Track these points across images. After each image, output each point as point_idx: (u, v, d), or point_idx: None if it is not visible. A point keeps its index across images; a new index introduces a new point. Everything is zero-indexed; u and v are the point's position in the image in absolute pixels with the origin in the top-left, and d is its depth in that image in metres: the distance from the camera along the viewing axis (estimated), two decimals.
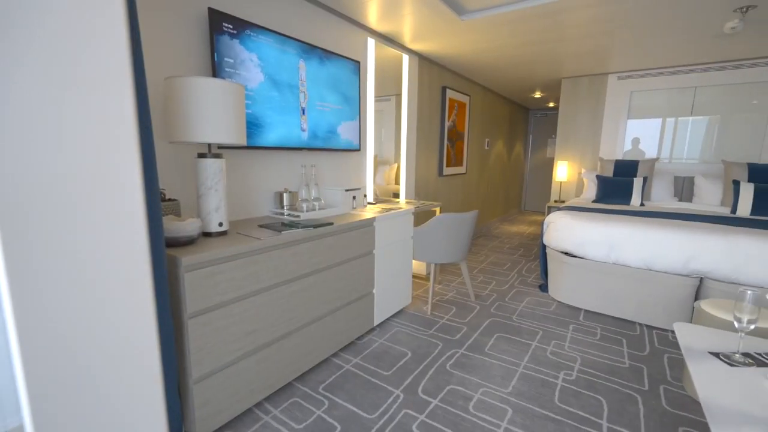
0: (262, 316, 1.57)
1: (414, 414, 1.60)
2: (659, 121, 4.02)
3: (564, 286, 2.80)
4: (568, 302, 2.79)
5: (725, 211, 3.20)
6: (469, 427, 1.52)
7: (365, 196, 2.62)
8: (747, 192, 3.06)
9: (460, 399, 1.70)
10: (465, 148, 4.65)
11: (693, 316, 1.97)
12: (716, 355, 1.10)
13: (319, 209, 2.16)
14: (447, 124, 4.10)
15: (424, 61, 3.58)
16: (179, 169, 1.71)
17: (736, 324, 1.07)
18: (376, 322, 2.33)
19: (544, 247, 3.07)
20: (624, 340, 2.28)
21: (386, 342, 2.22)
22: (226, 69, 1.76)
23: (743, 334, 1.09)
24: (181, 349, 1.32)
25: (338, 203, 2.38)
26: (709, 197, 3.44)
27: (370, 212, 2.32)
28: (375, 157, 3.66)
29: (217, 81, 1.40)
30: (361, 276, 2.14)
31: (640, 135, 4.14)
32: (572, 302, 2.77)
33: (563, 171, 4.56)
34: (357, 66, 2.56)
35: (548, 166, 7.29)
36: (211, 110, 1.40)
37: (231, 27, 1.75)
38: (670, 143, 3.99)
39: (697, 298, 2.37)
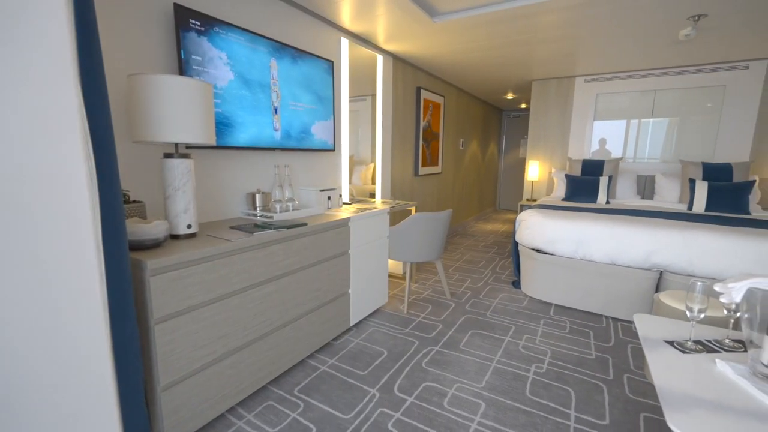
0: (234, 320, 1.54)
1: (390, 412, 1.61)
2: (624, 122, 4.21)
3: (535, 282, 2.89)
4: (539, 297, 2.88)
5: (683, 207, 3.39)
6: (443, 423, 1.55)
7: (340, 196, 2.61)
8: (701, 189, 3.25)
9: (435, 395, 1.73)
10: (440, 148, 4.71)
11: (653, 307, 2.08)
12: (671, 343, 1.17)
13: (293, 210, 2.14)
14: (422, 124, 4.14)
15: (398, 61, 3.60)
16: (145, 170, 1.65)
17: (688, 313, 1.14)
18: (352, 323, 2.33)
19: (516, 244, 3.16)
20: (591, 333, 2.37)
21: (362, 342, 2.22)
22: (194, 67, 1.71)
23: (694, 323, 1.16)
24: (148, 356, 1.27)
25: (313, 203, 2.36)
26: (668, 195, 3.63)
27: (345, 212, 2.31)
28: (351, 157, 3.65)
29: (183, 79, 1.37)
30: (336, 276, 2.13)
31: (607, 136, 4.32)
32: (543, 297, 2.86)
33: (534, 170, 4.70)
34: (330, 65, 2.55)
35: (521, 166, 7.49)
36: (177, 109, 1.36)
37: (198, 24, 1.70)
38: (633, 144, 4.19)
39: (657, 290, 2.49)
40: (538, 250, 2.91)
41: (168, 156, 1.44)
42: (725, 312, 1.19)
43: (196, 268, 1.36)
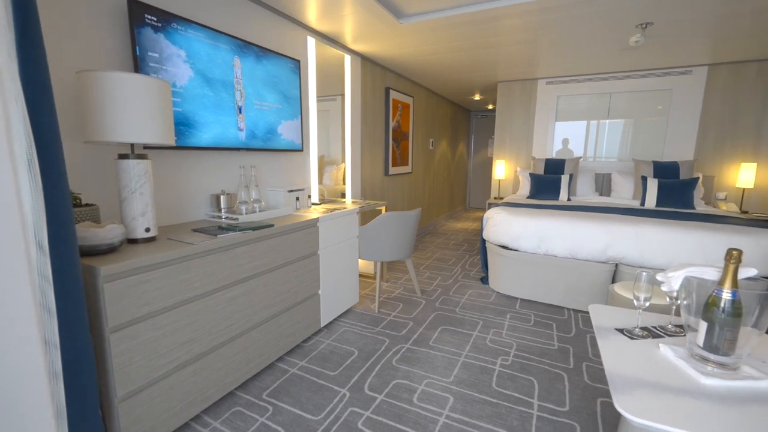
0: (197, 325, 1.50)
1: (360, 411, 1.62)
2: (584, 123, 4.42)
3: (502, 278, 2.99)
4: (506, 292, 2.98)
5: (636, 203, 3.61)
6: (412, 418, 1.57)
7: (309, 196, 2.59)
8: (652, 186, 3.47)
9: (405, 392, 1.75)
10: (410, 148, 4.76)
11: (608, 298, 2.21)
12: (621, 330, 1.25)
13: (260, 211, 2.10)
14: (391, 124, 4.17)
15: (366, 62, 3.61)
16: (99, 172, 1.57)
17: (635, 302, 1.22)
18: (323, 324, 2.32)
19: (484, 241, 3.24)
20: (554, 324, 2.48)
21: (333, 342, 2.21)
22: (151, 64, 1.65)
23: (641, 311, 1.25)
24: (103, 366, 1.21)
25: (280, 204, 2.33)
26: (623, 192, 3.85)
27: (314, 213, 2.30)
28: (322, 157, 3.63)
29: (137, 76, 1.31)
30: (305, 277, 2.12)
31: (570, 136, 4.52)
32: (510, 292, 2.96)
33: (501, 169, 4.85)
34: (297, 65, 2.52)
35: (490, 165, 7.70)
36: (131, 108, 1.30)
37: (155, 19, 1.64)
38: (593, 143, 4.41)
39: (613, 281, 2.64)
40: (504, 247, 3.01)
41: (123, 157, 1.38)
42: (668, 300, 1.28)
43: (156, 272, 1.32)
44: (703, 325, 1.01)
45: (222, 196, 2.04)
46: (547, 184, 3.95)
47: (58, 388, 0.96)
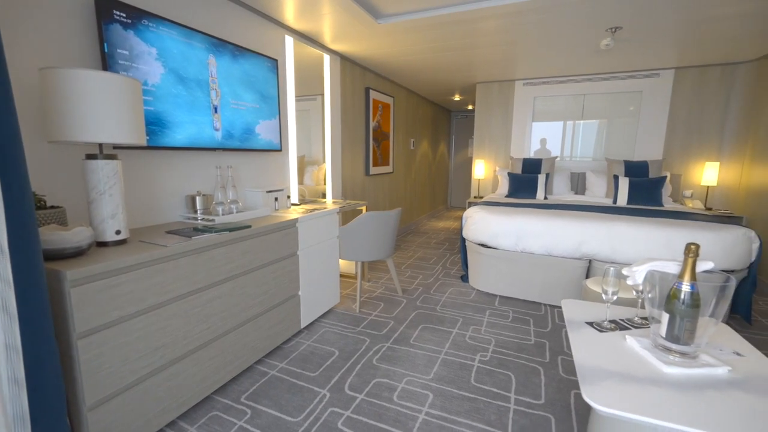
0: (172, 329, 1.46)
1: (340, 411, 1.62)
2: (561, 123, 4.54)
3: (481, 276, 3.04)
4: (485, 290, 3.03)
5: (609, 201, 3.73)
6: (392, 416, 1.58)
7: (288, 197, 2.57)
8: (624, 185, 3.60)
9: (385, 390, 1.76)
10: (391, 148, 4.78)
11: (582, 293, 2.28)
12: (591, 324, 1.29)
13: (237, 212, 2.07)
14: (372, 124, 4.17)
15: (346, 61, 3.61)
16: (66, 173, 1.51)
17: (603, 296, 1.26)
18: (303, 325, 2.30)
19: (463, 240, 3.29)
20: (531, 320, 2.54)
21: (314, 343, 2.20)
22: (120, 62, 1.60)
23: (609, 304, 1.30)
24: (71, 374, 1.17)
25: (259, 205, 2.30)
26: (597, 190, 3.98)
27: (293, 213, 2.28)
28: (302, 157, 3.60)
29: (104, 74, 1.27)
30: (284, 279, 2.10)
31: (547, 136, 4.63)
32: (489, 289, 3.01)
33: (481, 169, 4.93)
34: (275, 64, 2.49)
35: (470, 165, 7.80)
36: (98, 106, 1.26)
37: (124, 15, 1.59)
38: (569, 143, 4.53)
39: (587, 277, 2.73)
40: (483, 245, 3.06)
41: (91, 157, 1.33)
42: (634, 293, 1.34)
43: (126, 276, 1.28)
44: (665, 317, 1.06)
45: (198, 197, 2.00)
46: (525, 183, 4.04)
47: (19, 394, 0.92)
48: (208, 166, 2.17)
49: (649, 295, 1.13)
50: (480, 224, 3.00)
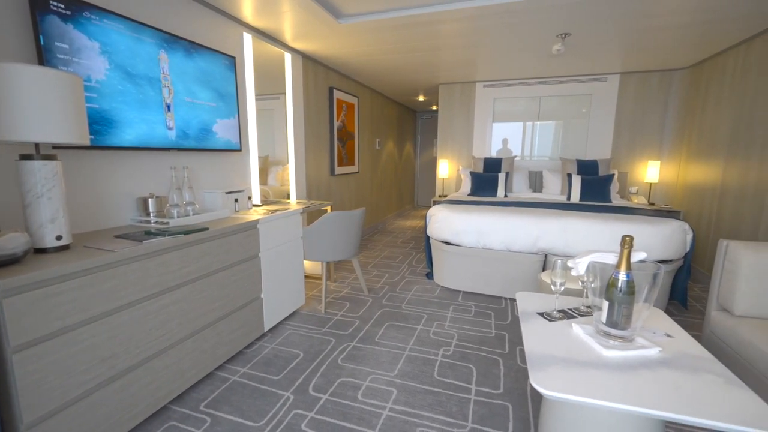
0: (122, 338, 1.39)
1: (304, 413, 1.61)
2: (520, 124, 4.73)
3: (445, 272, 3.11)
4: (449, 286, 3.11)
5: (563, 198, 3.94)
6: (357, 414, 1.59)
7: (250, 198, 2.51)
8: (576, 183, 3.81)
9: (350, 389, 1.77)
10: (356, 147, 4.78)
11: (538, 286, 2.39)
12: (541, 314, 1.37)
13: (194, 214, 2.00)
14: (336, 124, 4.16)
15: (308, 60, 3.57)
16: None
17: (552, 287, 1.34)
18: (266, 328, 2.26)
19: (428, 238, 3.35)
20: (492, 314, 2.64)
21: (278, 346, 2.17)
22: (60, 56, 1.50)
23: (558, 295, 1.38)
24: (6, 390, 1.09)
25: (218, 207, 2.24)
26: (553, 188, 4.19)
27: (254, 215, 2.23)
28: (266, 157, 3.52)
29: (38, 69, 1.19)
30: (246, 282, 2.05)
31: (509, 136, 4.81)
32: (453, 286, 3.09)
33: (445, 168, 5.04)
34: (232, 61, 2.43)
35: (435, 164, 7.95)
36: (33, 103, 1.18)
37: (62, 7, 1.49)
38: (528, 143, 4.73)
39: (543, 270, 2.86)
40: (446, 242, 3.13)
41: (26, 158, 1.24)
42: (580, 284, 1.42)
43: (69, 284, 1.20)
44: (605, 304, 1.14)
45: (150, 200, 1.91)
46: (486, 182, 4.18)
47: None
48: (161, 166, 2.07)
49: (592, 285, 1.21)
50: (443, 222, 3.08)
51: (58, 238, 1.32)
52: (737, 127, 2.98)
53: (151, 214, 1.91)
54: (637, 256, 1.16)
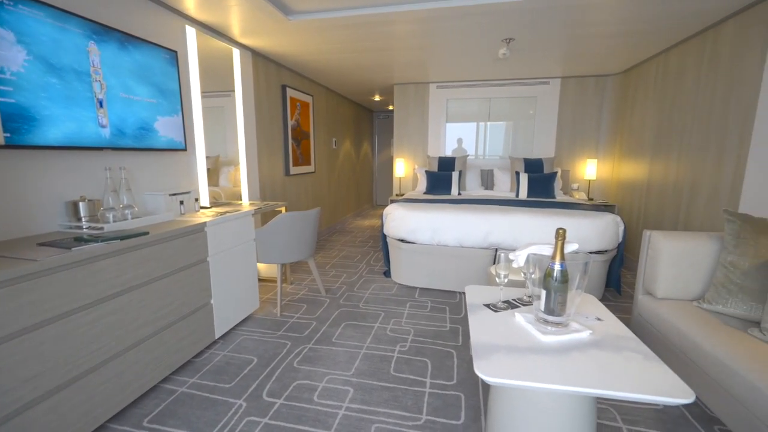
0: (49, 354, 1.28)
1: (257, 419, 1.56)
2: (474, 125, 4.90)
3: (402, 270, 3.16)
4: (406, 283, 3.16)
5: (512, 195, 4.14)
6: (312, 416, 1.58)
7: (197, 199, 2.39)
8: (524, 180, 4.02)
9: (305, 392, 1.74)
10: (312, 147, 4.71)
11: (488, 279, 2.50)
12: (488, 305, 1.43)
13: (133, 218, 1.87)
14: (290, 123, 4.07)
15: (259, 57, 3.46)
16: None
17: (497, 279, 1.41)
18: (217, 335, 2.17)
19: (384, 237, 3.38)
20: (447, 308, 2.72)
21: (230, 353, 2.09)
22: None
23: (502, 287, 1.45)
24: None
25: (161, 210, 2.11)
26: (503, 185, 4.39)
27: (202, 217, 2.13)
28: (217, 157, 3.36)
29: None
30: (193, 288, 1.95)
31: (463, 136, 4.97)
32: (409, 283, 3.14)
33: (401, 167, 5.11)
34: (174, 56, 2.30)
35: (393, 164, 8.03)
36: None
37: None
38: (481, 143, 4.91)
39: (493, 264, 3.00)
40: (402, 240, 3.18)
41: None
42: (522, 275, 1.51)
43: None
44: (543, 293, 1.22)
45: (81, 203, 1.76)
46: (441, 180, 4.29)
47: None
48: (95, 167, 1.92)
49: (532, 276, 1.29)
50: (399, 221, 3.12)
51: None
52: (659, 129, 3.30)
53: (83, 219, 1.76)
54: (570, 247, 1.25)
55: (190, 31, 2.55)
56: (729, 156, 2.43)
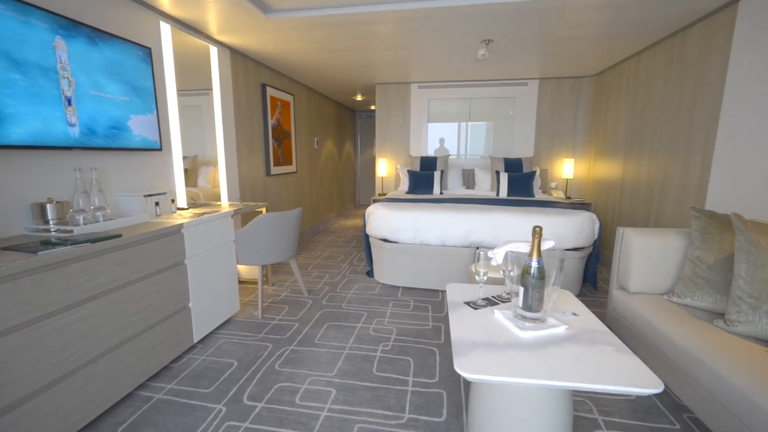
0: (15, 363, 1.22)
1: (237, 424, 1.53)
2: (455, 124, 4.95)
3: (385, 269, 3.16)
4: (389, 283, 3.17)
5: (493, 194, 4.20)
6: (294, 419, 1.56)
7: (174, 201, 2.33)
8: (504, 179, 4.09)
9: (287, 394, 1.72)
10: (293, 147, 4.66)
11: (469, 277, 2.53)
12: (468, 303, 1.45)
13: (105, 220, 1.81)
14: (271, 122, 4.02)
15: (237, 55, 3.40)
16: None
17: (477, 277, 1.43)
18: (196, 339, 2.12)
19: (367, 236, 3.38)
20: (429, 307, 2.74)
21: (209, 357, 2.05)
22: None
23: (482, 284, 1.47)
24: None
25: (135, 211, 2.05)
26: (484, 185, 4.45)
27: (179, 218, 2.08)
28: (195, 157, 3.28)
29: None
30: (169, 291, 1.90)
31: (445, 135, 5.01)
32: (392, 282, 3.15)
33: (383, 167, 5.11)
34: (147, 52, 2.23)
35: (375, 163, 8.03)
36: None
37: None
38: (463, 143, 4.97)
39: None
40: (385, 240, 3.19)
41: None
42: (501, 273, 1.53)
43: None
44: (521, 290, 1.24)
45: (49, 205, 1.69)
46: (423, 179, 4.32)
47: None
48: (63, 168, 1.84)
49: (511, 273, 1.31)
50: (381, 221, 3.12)
51: None
52: (632, 130, 3.41)
53: (51, 222, 1.69)
54: (546, 244, 1.28)
55: (165, 28, 2.49)
56: (696, 155, 2.53)
